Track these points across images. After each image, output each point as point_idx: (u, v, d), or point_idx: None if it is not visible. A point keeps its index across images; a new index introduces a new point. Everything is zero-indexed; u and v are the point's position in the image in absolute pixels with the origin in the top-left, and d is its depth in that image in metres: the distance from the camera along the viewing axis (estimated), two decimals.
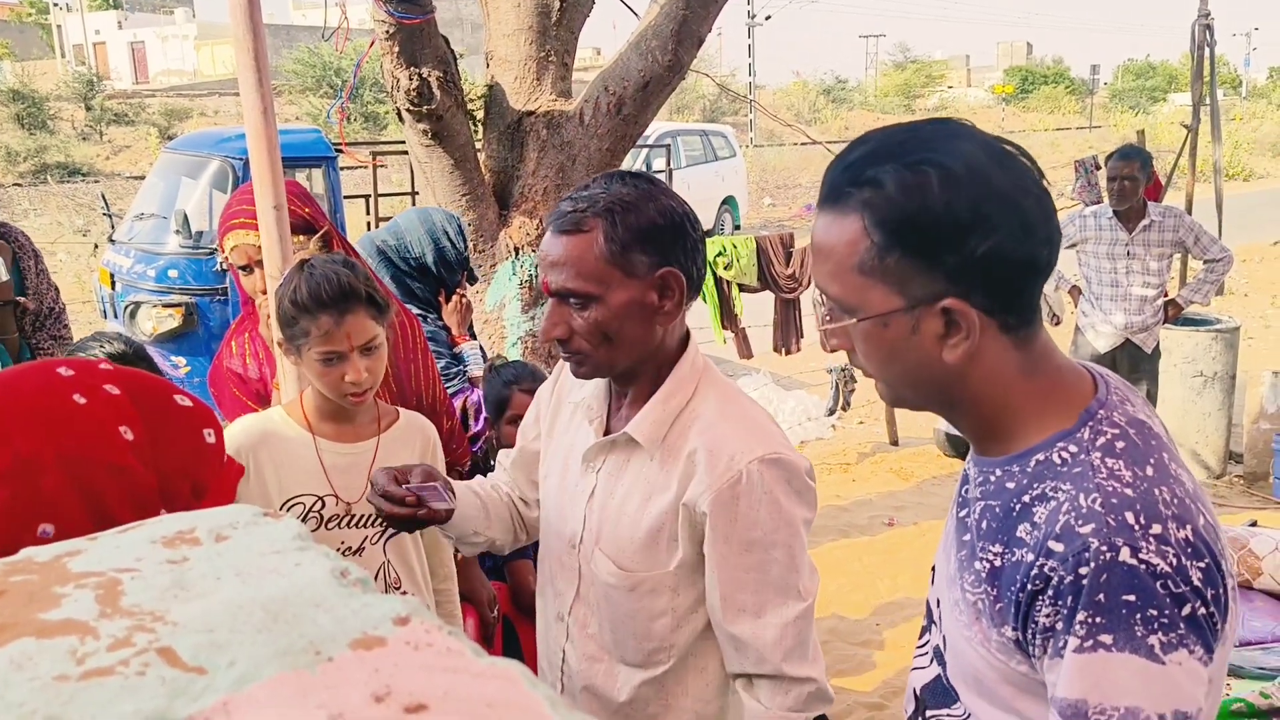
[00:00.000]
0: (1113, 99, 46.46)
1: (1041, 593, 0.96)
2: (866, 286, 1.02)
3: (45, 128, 22.31)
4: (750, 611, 1.43)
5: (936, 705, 1.17)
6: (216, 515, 0.70)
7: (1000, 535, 1.02)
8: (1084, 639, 0.92)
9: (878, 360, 1.06)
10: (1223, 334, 5.70)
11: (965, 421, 1.10)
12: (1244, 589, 2.57)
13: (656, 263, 1.38)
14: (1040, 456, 1.02)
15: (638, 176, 1.45)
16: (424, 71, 3.20)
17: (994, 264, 0.98)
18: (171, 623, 0.54)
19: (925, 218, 0.97)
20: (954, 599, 1.10)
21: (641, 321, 1.41)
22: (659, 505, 1.45)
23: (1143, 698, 0.91)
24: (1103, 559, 0.92)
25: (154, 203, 6.87)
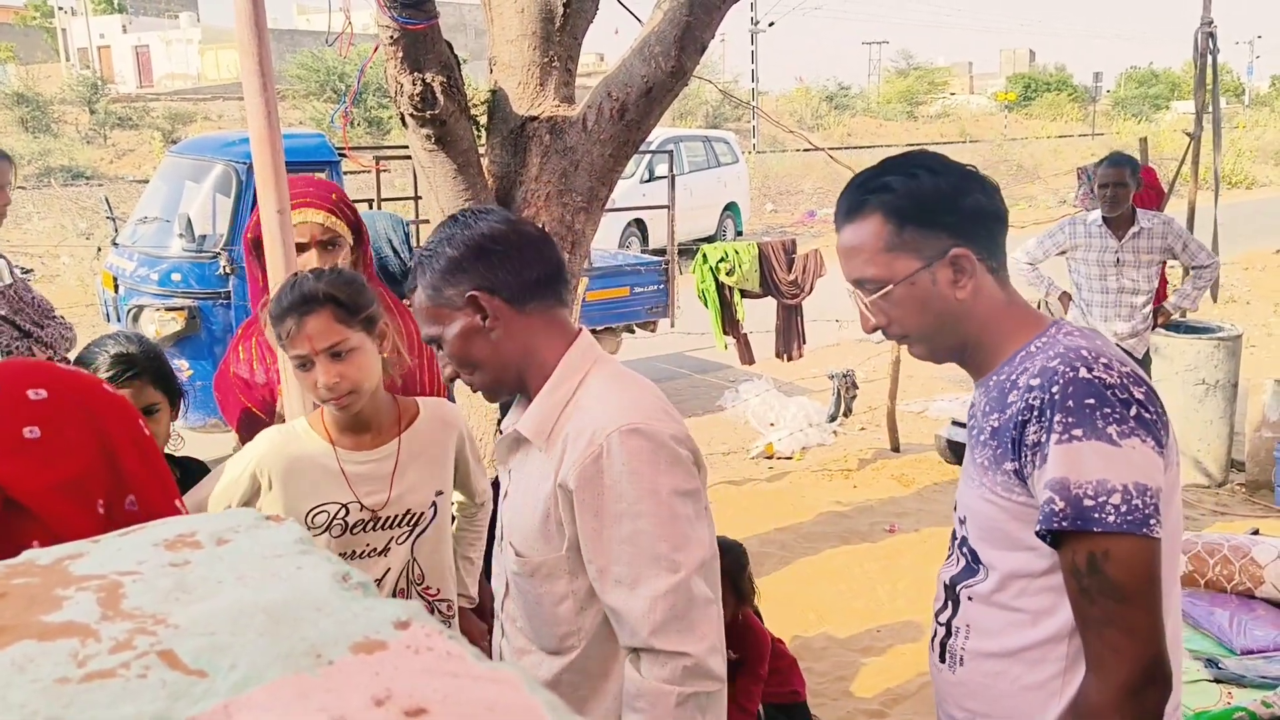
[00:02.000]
0: (1115, 106, 46.46)
1: (1028, 420, 1.31)
2: (894, 259, 1.41)
3: (49, 131, 22.35)
4: (625, 583, 1.46)
5: (964, 581, 1.47)
6: (218, 519, 0.70)
7: (997, 406, 1.39)
8: (1060, 434, 1.26)
9: (913, 315, 1.42)
10: (1225, 342, 5.70)
11: (976, 354, 1.46)
12: (1246, 598, 2.57)
13: (462, 291, 1.52)
14: (1021, 353, 1.41)
15: (451, 220, 1.60)
16: (427, 77, 3.20)
17: (976, 214, 1.42)
18: (173, 626, 0.54)
19: (925, 196, 1.40)
20: (968, 475, 1.45)
21: (480, 343, 1.54)
22: (543, 492, 1.53)
23: (1108, 472, 1.24)
24: (1067, 377, 1.29)
25: (157, 206, 6.88)
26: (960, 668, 1.46)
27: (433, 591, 2.11)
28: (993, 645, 1.42)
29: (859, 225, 1.43)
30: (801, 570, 4.75)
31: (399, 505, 2.02)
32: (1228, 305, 10.93)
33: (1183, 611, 2.54)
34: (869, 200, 1.42)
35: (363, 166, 7.48)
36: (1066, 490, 1.25)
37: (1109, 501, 1.23)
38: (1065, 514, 1.25)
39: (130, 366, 2.10)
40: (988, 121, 39.76)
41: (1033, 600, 1.37)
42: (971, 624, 1.45)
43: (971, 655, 1.45)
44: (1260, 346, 8.91)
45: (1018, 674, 1.39)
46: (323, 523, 1.95)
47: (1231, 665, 2.38)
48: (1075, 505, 1.24)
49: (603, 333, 7.97)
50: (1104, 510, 1.23)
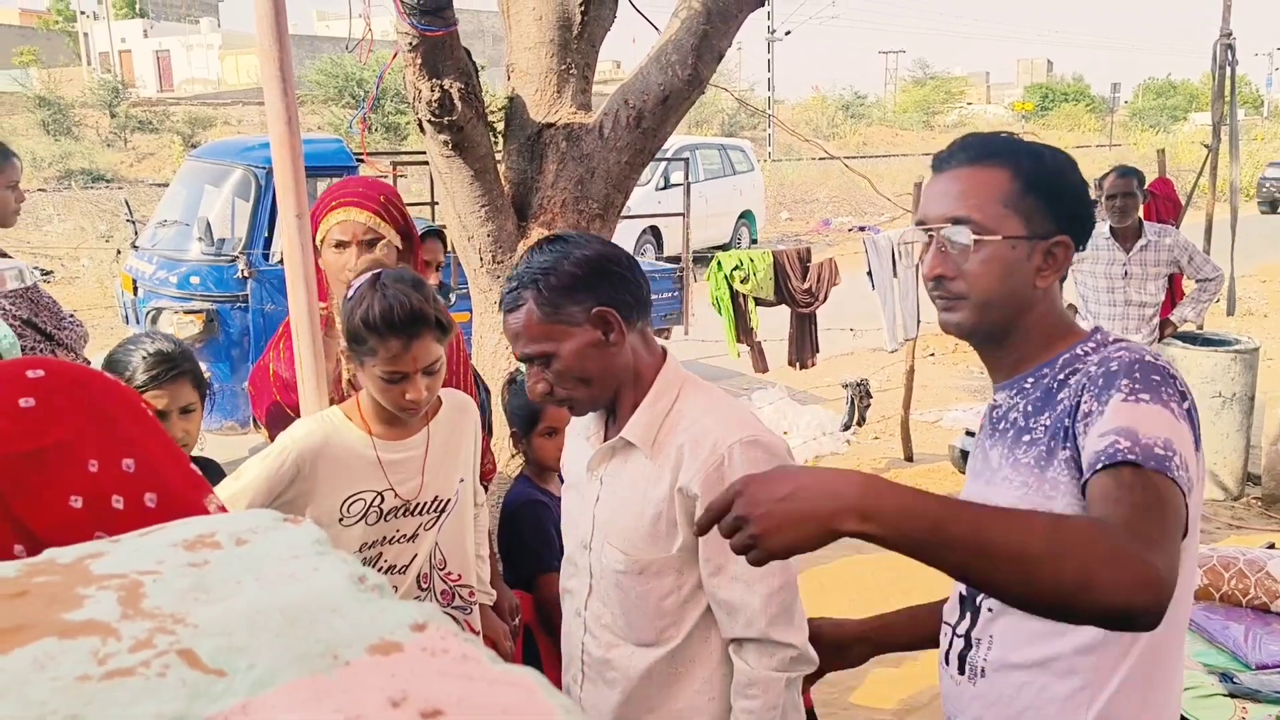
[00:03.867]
0: (1133, 117, 46.27)
1: (1082, 396, 1.29)
2: (1006, 215, 1.37)
3: (70, 134, 22.54)
4: (743, 580, 1.60)
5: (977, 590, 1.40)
6: (237, 520, 0.71)
7: (1044, 408, 1.37)
8: (1128, 394, 1.24)
9: (989, 279, 1.37)
10: (1242, 355, 5.66)
11: (1016, 346, 1.43)
12: (1261, 612, 2.55)
13: (588, 308, 1.58)
14: (1066, 356, 1.40)
15: (553, 241, 1.66)
16: (445, 83, 3.21)
17: (1088, 221, 1.42)
18: (192, 625, 0.55)
19: (1059, 177, 1.40)
20: (1002, 478, 1.40)
21: (599, 358, 1.61)
22: (656, 495, 1.63)
23: (1173, 436, 1.20)
24: (1131, 357, 1.29)
25: (177, 210, 6.93)
26: (982, 679, 1.43)
27: (454, 576, 2.17)
28: (1019, 656, 1.38)
29: (983, 171, 1.39)
30: (813, 580, 4.74)
31: (429, 492, 2.09)
32: (1245, 318, 10.85)
33: (1198, 625, 2.53)
34: (1003, 154, 1.40)
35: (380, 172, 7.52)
36: (1136, 437, 1.18)
37: (1176, 458, 1.18)
38: (1133, 450, 1.17)
39: (173, 365, 2.14)
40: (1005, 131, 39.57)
41: None
42: (995, 635, 1.41)
43: (995, 667, 1.41)
44: (1277, 360, 8.84)
45: (1045, 684, 1.36)
46: (359, 511, 2.00)
47: (1246, 680, 2.36)
48: (1147, 450, 1.17)
49: None
50: (1172, 464, 1.16)
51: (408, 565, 2.09)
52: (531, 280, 1.60)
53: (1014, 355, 1.44)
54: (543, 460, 2.62)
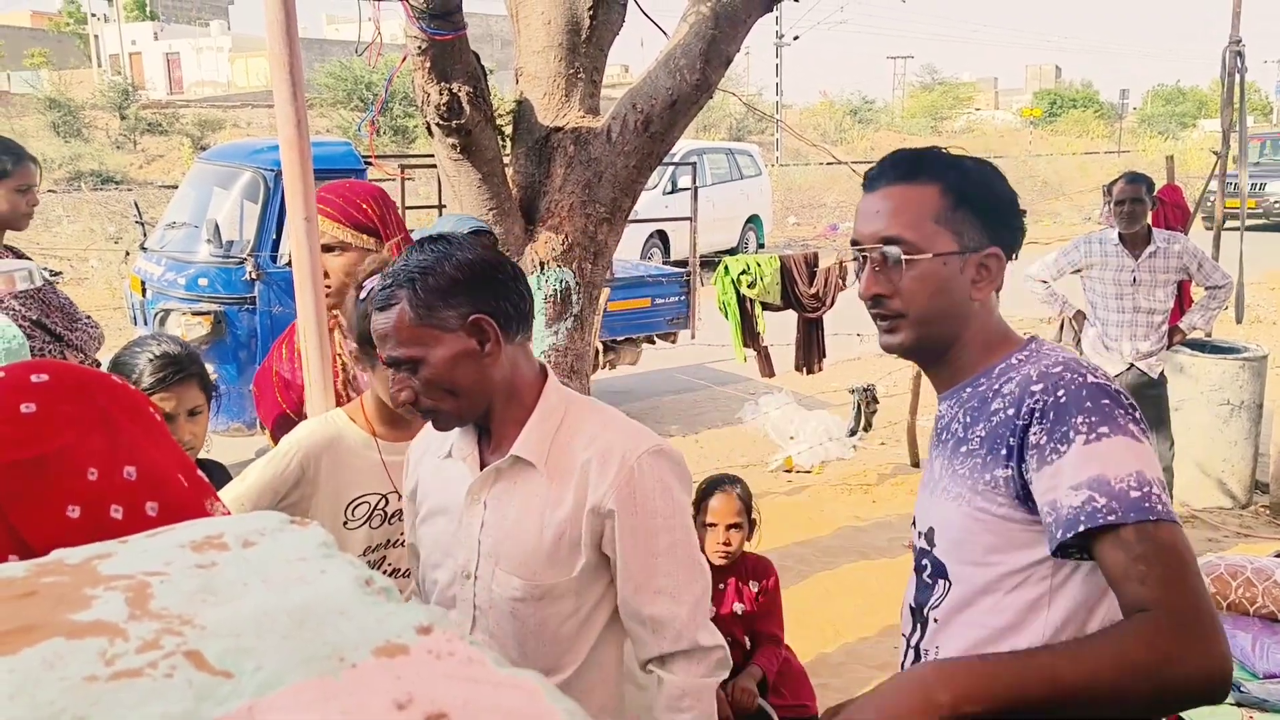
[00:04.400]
0: (1142, 124, 46.16)
1: (1029, 424, 1.29)
2: (937, 233, 1.39)
3: (80, 136, 22.63)
4: (668, 592, 1.58)
5: (930, 602, 1.46)
6: (244, 522, 0.71)
7: (981, 417, 1.39)
8: (1087, 434, 1.24)
9: (927, 295, 1.40)
10: (1250, 362, 5.64)
11: (956, 358, 1.45)
12: (1269, 621, 2.54)
13: (464, 313, 1.51)
14: (1002, 365, 1.42)
15: (435, 241, 1.56)
16: (454, 87, 3.22)
17: (1018, 230, 1.45)
18: (199, 627, 0.55)
19: (988, 188, 1.43)
20: (942, 489, 1.43)
21: (470, 368, 1.53)
22: (557, 517, 1.57)
23: (1141, 464, 1.22)
24: (1076, 383, 1.29)
25: (186, 212, 6.95)
26: None
27: None
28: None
29: (913, 189, 1.41)
30: (819, 584, 4.74)
31: None
32: (1254, 325, 10.82)
33: None
34: (931, 170, 1.42)
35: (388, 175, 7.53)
36: (1107, 485, 1.20)
37: (1152, 492, 1.20)
38: (1111, 508, 1.19)
39: (180, 367, 2.14)
40: (1013, 137, 39.57)
41: (1000, 617, 1.37)
42: (940, 646, 1.44)
43: None
44: None
45: None
46: (363, 514, 2.00)
47: (1254, 689, 2.35)
48: (1123, 499, 1.19)
49: (623, 343, 7.97)
50: (1150, 500, 1.19)
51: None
52: (408, 279, 1.51)
53: (954, 366, 1.47)
54: None
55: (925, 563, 1.47)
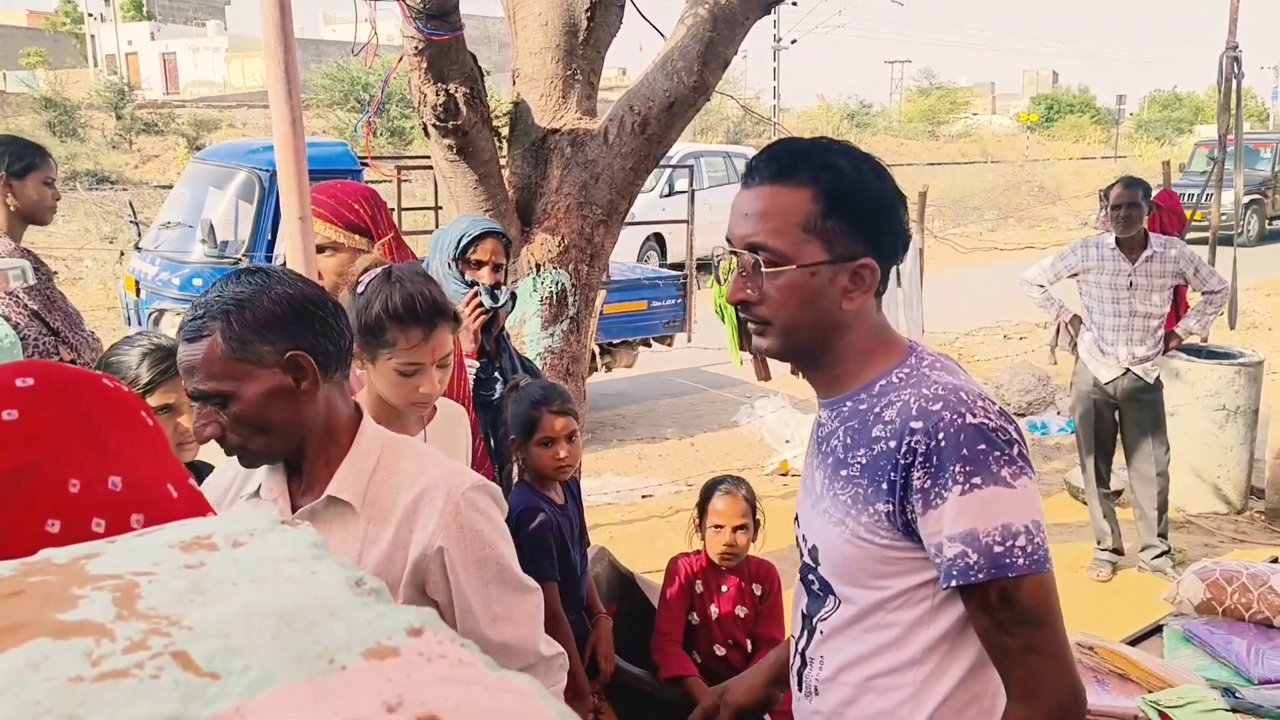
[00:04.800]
0: (1138, 129, 46.24)
1: (912, 464, 1.28)
2: (805, 242, 1.33)
3: (76, 135, 22.58)
4: (504, 617, 1.61)
5: (818, 613, 1.46)
6: (234, 522, 0.70)
7: (861, 442, 1.36)
8: (964, 485, 1.25)
9: (794, 305, 1.35)
10: (1246, 368, 5.65)
11: (831, 367, 1.42)
12: (1264, 627, 2.54)
13: (280, 349, 1.44)
14: (882, 382, 1.38)
15: (253, 272, 1.49)
16: (451, 88, 3.22)
17: (897, 233, 1.38)
18: (187, 627, 0.54)
19: (862, 195, 1.34)
20: (823, 509, 1.41)
21: (283, 406, 1.48)
22: (373, 556, 1.55)
23: (1011, 515, 1.25)
24: (955, 425, 1.26)
25: (181, 212, 6.95)
26: (816, 697, 1.47)
27: None
28: (844, 676, 1.43)
29: (785, 192, 1.34)
30: None
31: None
32: (1250, 331, 10.84)
33: (1200, 639, 2.52)
34: (807, 171, 1.34)
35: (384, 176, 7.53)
36: (977, 540, 1.25)
37: (1016, 545, 1.25)
38: (980, 565, 1.25)
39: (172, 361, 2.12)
40: (1010, 142, 39.64)
41: (884, 634, 1.38)
42: (825, 656, 1.45)
43: (825, 685, 1.45)
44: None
45: (869, 701, 1.41)
46: None
47: (1249, 695, 2.34)
48: (988, 555, 1.25)
49: (619, 346, 7.96)
50: (1013, 555, 1.25)
51: None
52: (222, 311, 1.43)
53: (831, 374, 1.43)
54: (539, 469, 2.62)
55: (812, 577, 1.47)
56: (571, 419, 2.60)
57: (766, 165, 1.36)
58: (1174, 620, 2.60)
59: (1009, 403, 8.00)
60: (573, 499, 2.76)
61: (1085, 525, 5.31)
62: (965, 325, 11.27)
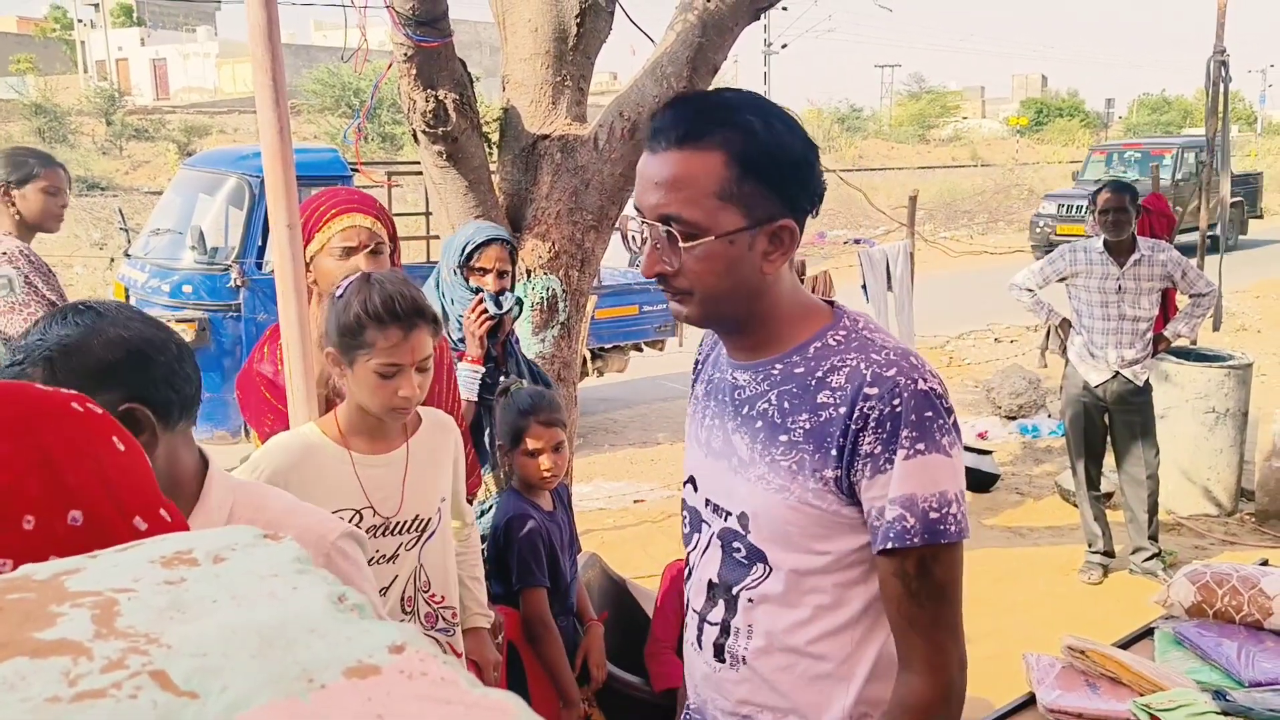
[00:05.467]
0: (1127, 133, 46.41)
1: (863, 430, 1.28)
2: (721, 209, 1.27)
3: (66, 142, 22.53)
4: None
5: (742, 582, 1.42)
6: (216, 536, 0.70)
7: (804, 406, 1.33)
8: (909, 449, 1.27)
9: (713, 275, 1.30)
10: (1235, 370, 5.67)
11: (755, 331, 1.38)
12: (1254, 629, 2.55)
13: (112, 401, 1.23)
14: (817, 344, 1.36)
15: (83, 312, 1.31)
16: (440, 94, 3.22)
17: (814, 190, 1.33)
18: (165, 645, 0.54)
19: (778, 151, 1.28)
20: (758, 475, 1.37)
21: None
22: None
23: (946, 483, 1.28)
24: (909, 390, 1.27)
25: (170, 218, 6.92)
26: (744, 666, 1.44)
27: (438, 598, 2.12)
28: (780, 642, 1.41)
29: (695, 157, 1.26)
30: None
31: (409, 511, 2.04)
32: (1238, 334, 10.88)
33: (1191, 642, 2.52)
34: (716, 132, 1.26)
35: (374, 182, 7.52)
36: (915, 505, 1.27)
37: (949, 513, 1.28)
38: (915, 530, 1.28)
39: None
40: (999, 145, 39.77)
41: (818, 597, 1.38)
42: (755, 624, 1.42)
43: (756, 654, 1.42)
44: (1271, 375, 8.86)
45: (806, 666, 1.40)
46: None
47: (1239, 697, 2.35)
48: (924, 520, 1.28)
49: (611, 351, 7.96)
50: (946, 522, 1.28)
51: (388, 587, 2.03)
52: (44, 357, 1.24)
53: (756, 339, 1.39)
54: (526, 477, 2.61)
55: (739, 545, 1.42)
56: (558, 429, 2.60)
57: (673, 127, 1.28)
58: (1165, 623, 2.60)
59: (1000, 406, 8.02)
60: (562, 505, 2.76)
61: (1076, 528, 5.32)
62: (956, 328, 11.30)
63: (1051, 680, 2.29)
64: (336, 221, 2.33)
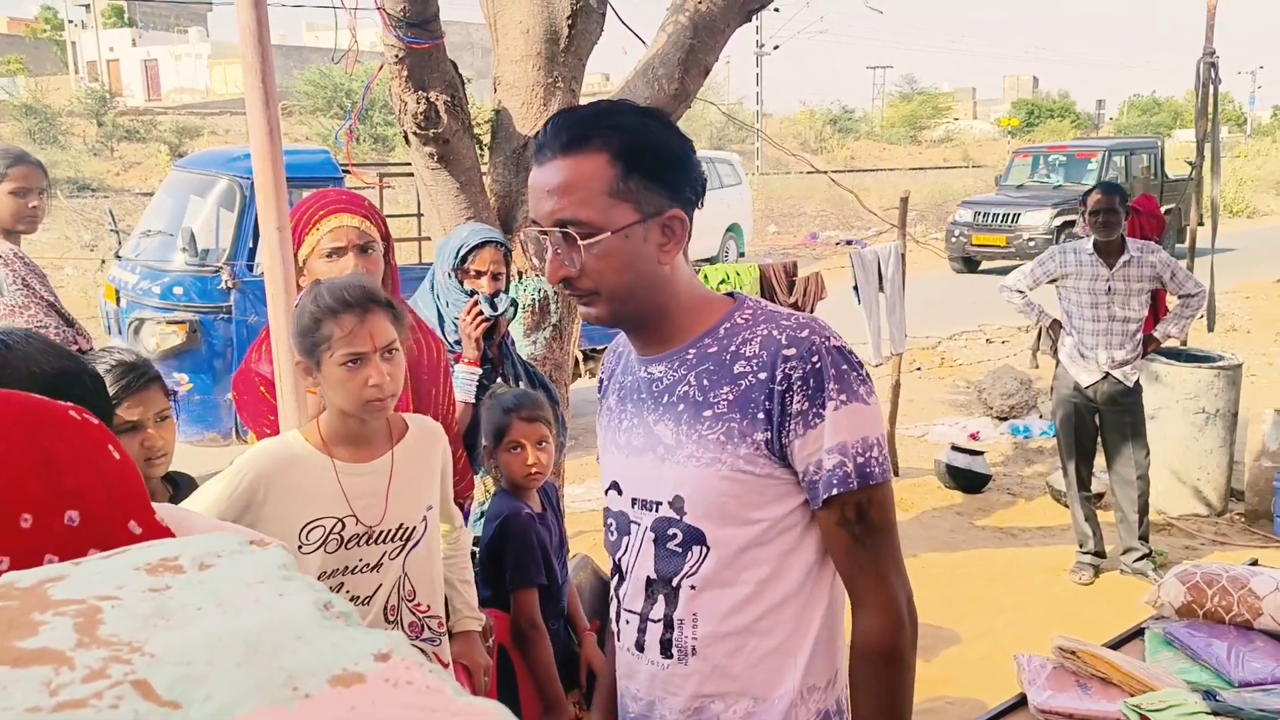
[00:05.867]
0: (1118, 134, 46.56)
1: (788, 390, 1.34)
2: (612, 206, 1.33)
3: (56, 143, 22.46)
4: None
5: (681, 571, 1.44)
6: (202, 543, 0.69)
7: (723, 380, 1.39)
8: (836, 401, 1.35)
9: (615, 271, 1.35)
10: (1225, 371, 5.68)
11: (662, 324, 1.43)
12: (1244, 629, 2.55)
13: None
14: (727, 324, 1.42)
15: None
16: (431, 96, 3.21)
17: (696, 181, 1.40)
18: (149, 654, 0.53)
19: (656, 147, 1.36)
20: (686, 454, 1.41)
21: None
22: None
23: (867, 429, 1.37)
24: (825, 348, 1.35)
25: (161, 220, 6.89)
26: (693, 657, 1.44)
27: (423, 608, 2.10)
28: (726, 625, 1.43)
29: (581, 161, 1.33)
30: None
31: (393, 519, 2.01)
32: (1228, 334, 10.92)
33: (1180, 642, 2.53)
34: (596, 137, 1.34)
35: (366, 183, 7.50)
36: (846, 451, 1.35)
37: (872, 455, 1.37)
38: (851, 475, 1.35)
39: (140, 372, 2.06)
40: (991, 146, 39.85)
41: (759, 570, 1.41)
42: (699, 612, 1.43)
43: (706, 642, 1.44)
44: (1261, 375, 8.89)
45: (755, 645, 1.43)
46: (318, 538, 1.93)
47: (1229, 698, 2.35)
48: (855, 464, 1.35)
49: (603, 352, 7.95)
50: (871, 465, 1.36)
51: (371, 596, 2.01)
52: None
53: (663, 332, 1.44)
54: (511, 475, 2.61)
55: (674, 531, 1.44)
56: (542, 425, 2.59)
57: (555, 138, 1.35)
58: (1155, 623, 2.61)
59: (991, 407, 8.03)
60: (552, 507, 2.75)
61: (1067, 528, 5.33)
62: (947, 329, 11.32)
63: (1043, 681, 2.29)
64: (325, 222, 2.32)
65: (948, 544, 5.44)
